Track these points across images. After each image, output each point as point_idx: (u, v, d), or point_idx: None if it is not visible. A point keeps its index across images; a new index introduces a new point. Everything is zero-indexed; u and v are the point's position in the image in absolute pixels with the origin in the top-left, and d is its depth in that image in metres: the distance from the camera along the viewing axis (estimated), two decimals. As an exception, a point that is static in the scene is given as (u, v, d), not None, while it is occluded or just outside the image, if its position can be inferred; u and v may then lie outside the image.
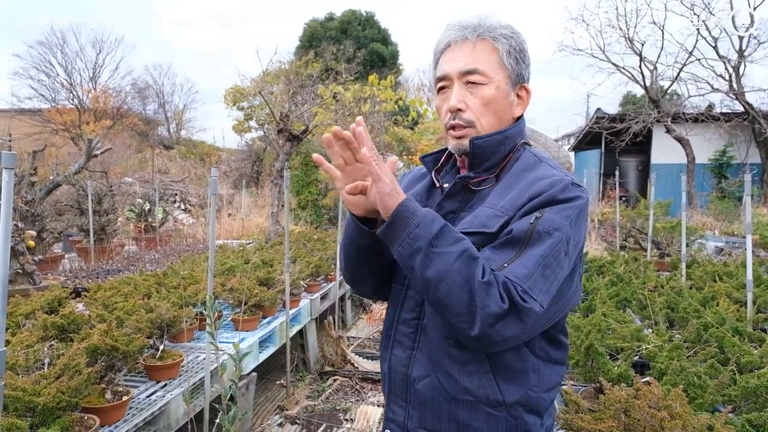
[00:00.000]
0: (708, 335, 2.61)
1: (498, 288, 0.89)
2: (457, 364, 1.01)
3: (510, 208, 1.00)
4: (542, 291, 0.92)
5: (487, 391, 1.00)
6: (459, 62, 1.07)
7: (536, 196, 0.98)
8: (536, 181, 1.01)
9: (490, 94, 1.06)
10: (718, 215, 10.80)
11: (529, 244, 0.94)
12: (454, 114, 1.07)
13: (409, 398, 1.08)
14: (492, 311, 0.88)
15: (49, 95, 21.37)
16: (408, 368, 1.08)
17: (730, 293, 3.59)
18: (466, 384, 1.01)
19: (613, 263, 5.09)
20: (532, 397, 1.03)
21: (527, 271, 0.92)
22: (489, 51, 1.07)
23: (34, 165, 6.54)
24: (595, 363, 2.23)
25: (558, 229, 0.95)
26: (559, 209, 0.97)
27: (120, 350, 2.15)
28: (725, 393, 1.89)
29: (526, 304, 0.90)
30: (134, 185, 13.71)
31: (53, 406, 1.77)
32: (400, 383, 1.10)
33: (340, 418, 3.37)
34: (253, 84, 10.53)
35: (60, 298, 3.04)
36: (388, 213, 0.94)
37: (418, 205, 0.95)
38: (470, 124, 1.07)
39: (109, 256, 6.28)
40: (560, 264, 0.96)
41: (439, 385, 1.03)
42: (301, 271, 4.25)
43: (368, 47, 19.74)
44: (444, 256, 0.91)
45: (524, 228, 0.95)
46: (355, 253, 1.11)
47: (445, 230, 0.93)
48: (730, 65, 14.07)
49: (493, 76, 1.06)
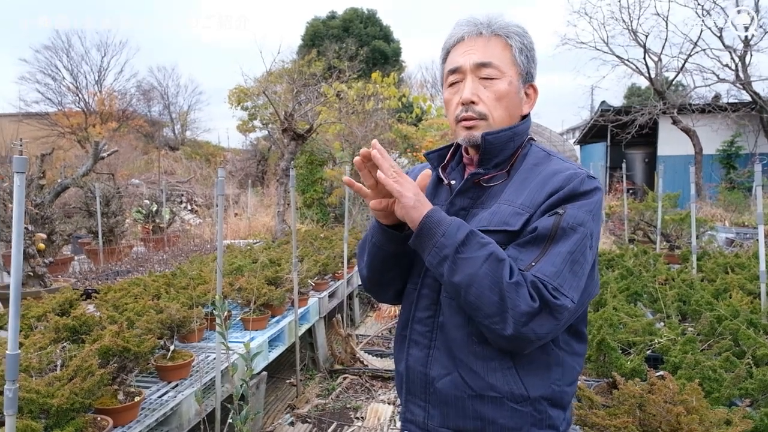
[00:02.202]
0: (722, 328, 2.58)
1: (527, 287, 0.92)
2: (481, 360, 1.01)
3: (529, 205, 1.01)
4: (572, 287, 0.94)
5: (511, 386, 1.00)
6: (473, 55, 1.07)
7: (555, 191, 0.99)
8: (552, 175, 1.02)
9: (504, 88, 1.06)
10: (727, 206, 10.70)
11: (555, 241, 0.95)
12: (466, 106, 1.07)
13: (428, 398, 1.07)
14: (523, 310, 0.90)
15: (56, 99, 21.55)
16: (426, 367, 1.07)
17: (743, 285, 3.55)
18: (491, 380, 1.01)
19: (622, 257, 5.06)
20: (555, 391, 1.03)
21: (555, 268, 0.93)
22: (502, 47, 1.08)
23: (42, 168, 6.59)
24: (607, 358, 2.21)
25: (582, 224, 0.96)
26: (581, 204, 0.98)
27: (131, 351, 2.16)
28: (742, 386, 1.87)
29: (558, 301, 0.91)
30: (141, 186, 13.78)
31: (67, 407, 1.78)
32: (418, 383, 1.09)
33: (351, 416, 3.37)
34: (257, 84, 10.54)
35: (71, 300, 3.06)
36: (414, 225, 0.99)
37: (443, 215, 0.99)
38: (483, 117, 1.07)
39: (118, 257, 6.32)
40: (586, 259, 0.97)
41: (462, 383, 1.02)
42: (308, 269, 4.25)
43: (370, 45, 19.70)
44: (470, 261, 0.93)
45: (549, 225, 0.96)
46: (382, 260, 1.14)
47: (471, 236, 0.96)
48: (736, 55, 13.91)
49: (506, 72, 1.07)
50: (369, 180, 1.02)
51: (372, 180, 1.02)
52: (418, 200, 0.98)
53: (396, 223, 1.07)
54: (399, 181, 0.96)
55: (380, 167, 0.96)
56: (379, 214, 1.07)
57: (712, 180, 14.19)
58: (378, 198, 1.03)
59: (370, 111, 10.74)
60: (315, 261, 4.57)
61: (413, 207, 0.97)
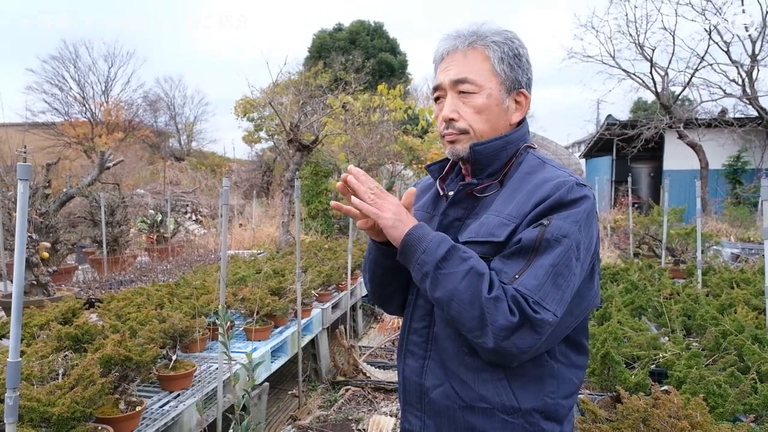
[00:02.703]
0: (727, 343, 2.56)
1: (507, 301, 0.91)
2: (471, 371, 1.01)
3: (516, 215, 1.00)
4: (554, 300, 0.93)
5: (502, 398, 0.99)
6: (450, 72, 1.08)
7: (542, 201, 0.98)
8: (541, 184, 1.01)
9: (482, 102, 1.06)
10: (733, 221, 10.63)
11: (539, 253, 0.94)
12: (447, 123, 1.09)
13: (424, 408, 1.08)
14: (501, 324, 0.90)
15: (62, 109, 21.77)
16: (421, 378, 1.08)
17: (748, 300, 3.52)
18: (481, 391, 1.00)
19: (627, 270, 5.03)
20: (549, 404, 1.01)
21: (537, 281, 0.92)
22: (480, 59, 1.07)
23: (48, 177, 6.65)
24: (611, 372, 2.19)
25: (567, 236, 0.95)
26: (567, 215, 0.96)
27: (133, 360, 2.16)
28: (746, 402, 1.84)
29: (538, 315, 0.90)
30: (146, 197, 13.86)
31: (68, 416, 1.78)
32: (414, 393, 1.10)
33: (353, 428, 3.34)
34: (263, 95, 10.64)
35: (74, 309, 3.07)
36: (397, 244, 1.01)
37: (424, 231, 1.00)
38: (463, 132, 1.08)
39: (122, 267, 6.34)
40: (572, 271, 0.95)
41: (454, 394, 1.02)
42: (312, 280, 4.25)
43: (377, 57, 19.88)
44: (450, 276, 0.94)
45: (533, 237, 0.95)
46: (381, 275, 1.17)
47: (452, 251, 0.96)
48: (743, 70, 13.91)
49: (484, 84, 1.06)
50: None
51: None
52: (398, 219, 0.99)
53: (386, 240, 1.08)
54: (376, 203, 0.99)
55: (356, 192, 0.99)
56: (369, 233, 1.09)
57: (717, 195, 14.12)
58: (364, 218, 1.05)
59: (375, 123, 10.79)
60: (319, 272, 4.57)
61: (392, 227, 0.99)
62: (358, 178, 1.00)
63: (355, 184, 0.99)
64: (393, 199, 1.01)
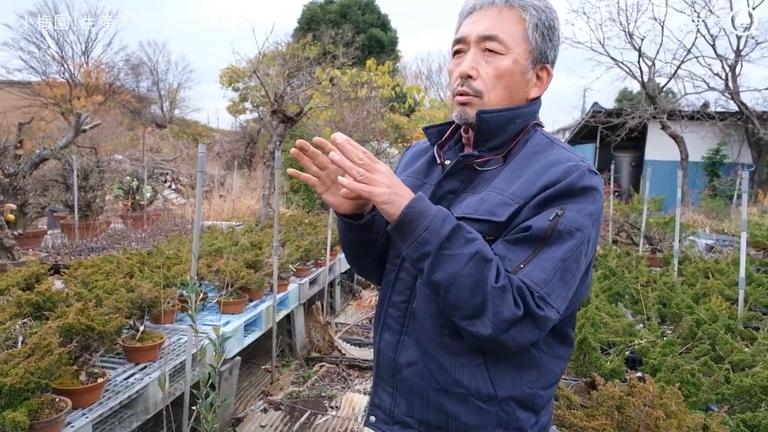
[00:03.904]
0: (701, 332, 2.58)
1: (512, 293, 0.84)
2: (449, 354, 0.95)
3: (521, 195, 0.92)
4: (560, 297, 0.87)
5: (478, 384, 0.94)
6: (480, 26, 0.98)
7: (551, 184, 0.90)
8: (550, 166, 0.93)
9: (506, 66, 0.97)
10: (709, 213, 10.83)
11: (548, 244, 0.87)
12: (463, 80, 0.99)
13: (396, 384, 1.03)
14: (505, 317, 0.83)
15: (40, 68, 20.89)
16: (396, 353, 1.02)
17: (722, 290, 3.57)
18: (457, 375, 0.95)
19: (605, 257, 5.06)
20: (527, 393, 0.96)
21: (545, 276, 0.85)
22: (515, 21, 0.98)
23: (20, 137, 6.37)
24: (587, 357, 2.18)
25: (580, 229, 0.88)
26: (581, 207, 0.89)
27: (96, 330, 2.06)
28: (719, 392, 1.85)
29: (542, 312, 0.84)
30: (124, 163, 13.49)
31: (20, 387, 1.68)
32: (387, 368, 1.05)
33: (325, 405, 3.32)
34: (250, 65, 10.34)
35: (38, 275, 2.94)
36: (392, 219, 0.88)
37: (425, 205, 0.88)
38: (478, 94, 0.98)
39: (94, 233, 6.15)
40: (579, 267, 0.89)
41: (428, 374, 0.97)
42: (290, 254, 4.16)
43: (367, 32, 19.48)
44: (454, 258, 0.85)
45: (544, 226, 0.87)
46: (350, 248, 1.10)
47: (457, 230, 0.86)
48: (727, 64, 14.04)
49: (513, 48, 0.97)
50: (311, 168, 0.98)
51: (315, 168, 0.97)
52: (394, 192, 0.87)
53: (352, 212, 1.00)
54: (366, 178, 0.85)
55: (343, 168, 0.86)
56: (333, 203, 1.00)
57: (695, 186, 14.36)
58: (324, 186, 0.98)
59: (362, 99, 10.61)
60: (297, 246, 4.48)
61: (387, 202, 0.87)
62: (344, 150, 0.85)
63: (340, 161, 0.86)
64: (384, 168, 0.88)
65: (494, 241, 0.92)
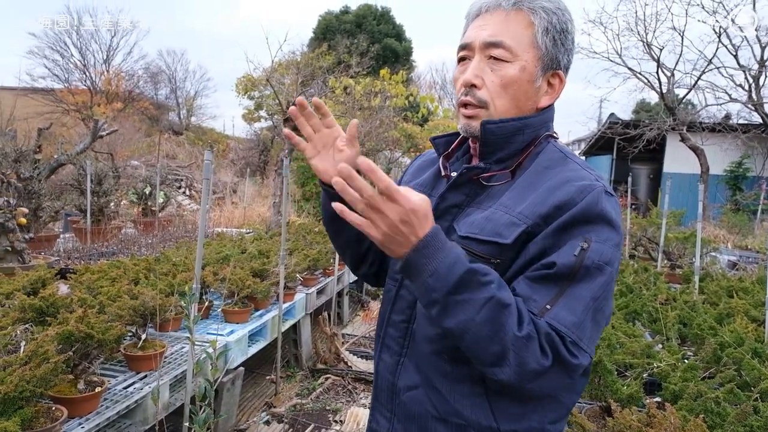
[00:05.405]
0: (725, 356, 2.44)
1: (540, 340, 0.75)
2: (449, 381, 0.88)
3: (529, 215, 0.84)
4: (591, 339, 0.79)
5: (479, 416, 0.86)
6: (485, 31, 0.91)
7: (563, 205, 0.82)
8: (562, 184, 0.85)
9: (513, 74, 0.90)
10: (731, 228, 10.54)
11: (576, 281, 0.79)
12: (467, 89, 0.92)
13: (394, 409, 0.95)
14: (531, 368, 0.75)
15: (63, 75, 21.36)
16: (395, 376, 0.95)
17: (748, 311, 3.40)
18: (457, 405, 0.87)
19: (622, 273, 4.91)
20: (534, 428, 0.88)
21: (576, 318, 0.77)
22: (523, 25, 0.90)
23: (39, 142, 6.45)
24: (602, 380, 2.06)
25: (609, 263, 0.80)
26: (606, 236, 0.81)
27: (95, 338, 2.02)
28: (747, 423, 1.73)
29: (575, 360, 0.76)
30: (140, 168, 13.64)
31: (15, 395, 1.64)
32: (386, 391, 0.97)
33: (329, 419, 3.23)
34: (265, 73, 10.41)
35: (44, 279, 2.91)
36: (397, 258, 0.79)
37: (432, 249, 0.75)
38: (483, 104, 0.91)
39: (105, 237, 6.18)
40: (609, 304, 0.82)
41: (428, 401, 0.90)
42: (297, 263, 4.11)
43: (382, 42, 19.58)
44: (466, 305, 0.75)
45: (570, 263, 0.79)
46: (332, 222, 1.05)
47: (468, 275, 0.75)
48: (750, 75, 13.73)
49: (520, 54, 0.90)
50: (306, 129, 0.98)
51: (309, 129, 0.98)
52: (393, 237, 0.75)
53: None
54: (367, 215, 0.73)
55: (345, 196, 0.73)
56: (320, 169, 0.99)
57: (716, 200, 14.03)
58: (314, 150, 0.98)
59: (376, 108, 10.59)
60: (305, 255, 4.42)
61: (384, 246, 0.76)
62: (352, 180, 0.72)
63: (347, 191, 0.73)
64: (393, 211, 0.73)
65: (500, 264, 0.85)
